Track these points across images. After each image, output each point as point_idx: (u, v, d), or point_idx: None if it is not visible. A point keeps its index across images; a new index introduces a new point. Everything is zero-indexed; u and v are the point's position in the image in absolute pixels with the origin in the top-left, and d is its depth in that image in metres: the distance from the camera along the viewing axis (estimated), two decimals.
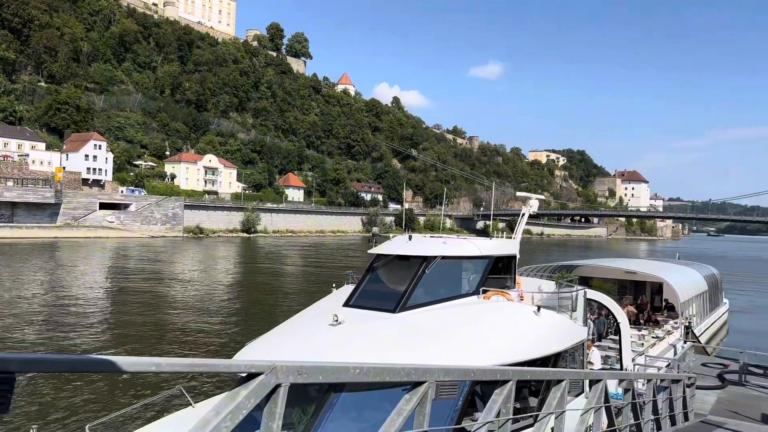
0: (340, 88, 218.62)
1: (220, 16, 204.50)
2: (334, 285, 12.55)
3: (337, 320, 9.22)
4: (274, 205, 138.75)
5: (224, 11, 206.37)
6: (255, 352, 9.00)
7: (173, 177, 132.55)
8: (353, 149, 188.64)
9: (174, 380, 15.61)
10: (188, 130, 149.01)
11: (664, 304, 26.32)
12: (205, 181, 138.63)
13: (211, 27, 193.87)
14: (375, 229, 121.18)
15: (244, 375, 2.85)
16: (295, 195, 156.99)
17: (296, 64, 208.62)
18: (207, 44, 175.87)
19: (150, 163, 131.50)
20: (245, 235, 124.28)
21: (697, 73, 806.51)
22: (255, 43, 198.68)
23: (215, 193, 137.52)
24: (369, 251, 11.74)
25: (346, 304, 10.36)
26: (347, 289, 11.41)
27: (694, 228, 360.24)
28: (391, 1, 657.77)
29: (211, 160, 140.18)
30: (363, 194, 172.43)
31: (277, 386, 2.89)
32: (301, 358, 7.47)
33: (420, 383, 4.00)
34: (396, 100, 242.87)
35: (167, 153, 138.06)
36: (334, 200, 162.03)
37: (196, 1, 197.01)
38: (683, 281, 26.97)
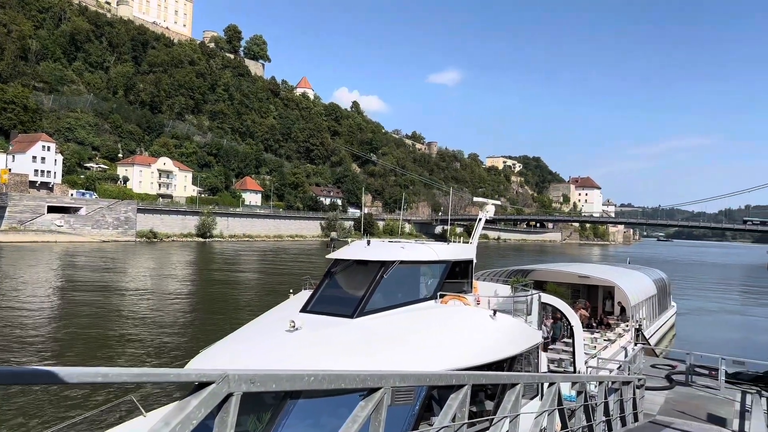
0: (299, 91, 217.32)
1: (176, 17, 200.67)
2: (291, 291, 12.44)
3: (293, 326, 9.12)
4: (231, 209, 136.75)
5: (180, 12, 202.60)
6: (208, 361, 8.80)
7: (126, 180, 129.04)
8: (312, 153, 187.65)
9: (129, 391, 15.17)
10: (142, 132, 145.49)
11: (616, 307, 27.03)
12: (160, 185, 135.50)
13: (167, 27, 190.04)
14: (333, 234, 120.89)
15: (196, 384, 2.78)
16: (253, 199, 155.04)
17: (254, 67, 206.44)
18: (162, 45, 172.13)
19: (102, 166, 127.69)
20: (201, 239, 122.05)
21: (648, 83, 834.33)
22: (212, 45, 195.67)
23: (170, 196, 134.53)
24: (327, 256, 11.67)
25: (303, 310, 10.27)
26: (305, 295, 11.32)
27: (645, 233, 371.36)
28: (352, 7, 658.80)
29: (165, 162, 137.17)
30: (322, 199, 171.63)
31: (229, 395, 2.82)
32: (257, 365, 7.37)
33: (376, 389, 3.98)
34: (355, 104, 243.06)
35: (120, 155, 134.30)
36: (292, 204, 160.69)
37: (152, 0, 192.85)
38: (634, 285, 27.78)
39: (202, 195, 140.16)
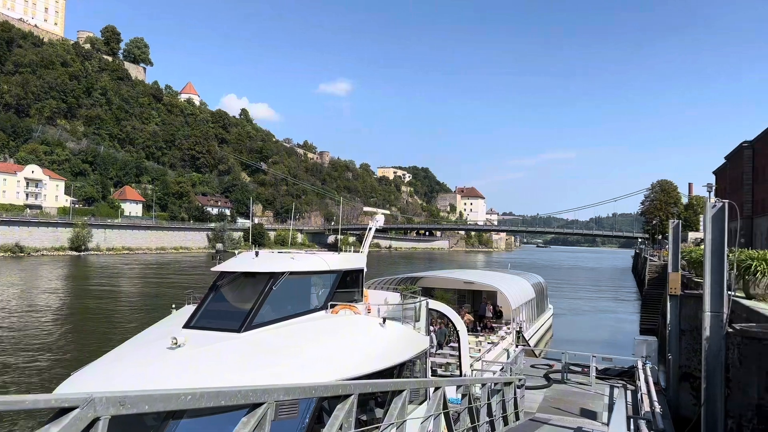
0: (183, 97, 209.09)
1: (47, 14, 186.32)
2: (173, 306, 11.87)
3: (176, 343, 8.70)
4: (109, 221, 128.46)
5: (51, 9, 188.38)
6: (78, 384, 8.17)
7: None
8: (198, 161, 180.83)
9: None
10: (7, 138, 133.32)
11: (500, 309, 28.35)
12: (27, 194, 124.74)
13: (35, 25, 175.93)
14: (219, 246, 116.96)
15: (58, 410, 2.59)
16: (133, 209, 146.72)
17: (135, 71, 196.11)
18: (30, 44, 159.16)
19: None
20: (75, 253, 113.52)
21: (526, 98, 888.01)
22: (87, 46, 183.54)
23: (39, 207, 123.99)
24: (213, 269, 11.29)
25: (187, 326, 9.84)
26: (188, 310, 10.85)
27: (525, 240, 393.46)
28: (239, 13, 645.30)
29: (33, 170, 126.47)
30: (209, 209, 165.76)
31: (96, 420, 2.65)
32: (132, 386, 6.95)
33: (259, 404, 3.91)
34: (244, 111, 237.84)
35: None
36: (177, 215, 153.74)
37: None
38: (514, 290, 29.29)
39: (77, 205, 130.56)
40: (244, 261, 11.25)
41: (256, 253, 11.58)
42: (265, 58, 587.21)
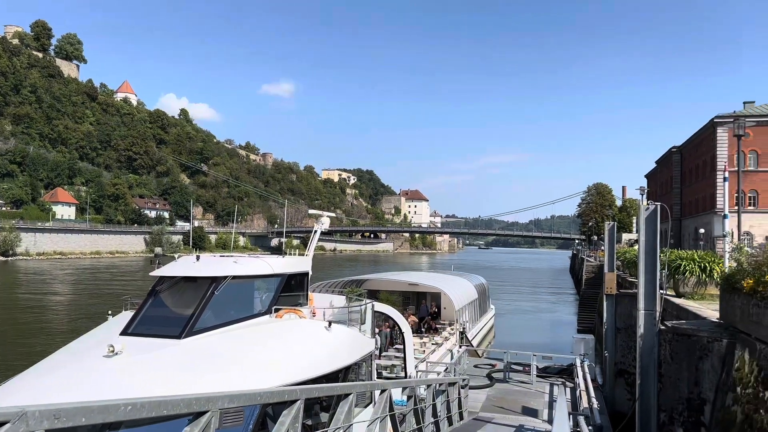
0: (120, 96, 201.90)
1: None
2: (109, 312, 11.42)
3: (113, 351, 8.36)
4: (40, 224, 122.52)
5: None
6: (8, 397, 7.72)
7: None
8: (135, 162, 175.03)
9: None
10: None
11: (435, 311, 28.66)
12: None
13: None
14: (158, 249, 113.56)
15: None
16: (66, 212, 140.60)
17: (67, 68, 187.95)
18: None
19: None
20: (1, 258, 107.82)
21: (469, 102, 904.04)
22: (16, 41, 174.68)
23: None
24: (152, 273, 10.95)
25: (124, 333, 9.48)
26: (126, 316, 10.46)
27: (467, 242, 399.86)
28: (178, 10, 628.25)
29: None
30: (147, 211, 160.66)
31: None
32: (69, 398, 6.63)
33: (203, 413, 3.80)
34: (184, 112, 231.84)
35: None
36: (112, 218, 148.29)
37: None
38: (458, 291, 29.70)
39: (4, 208, 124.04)
40: (185, 265, 10.96)
41: (197, 257, 11.31)
42: (205, 58, 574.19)
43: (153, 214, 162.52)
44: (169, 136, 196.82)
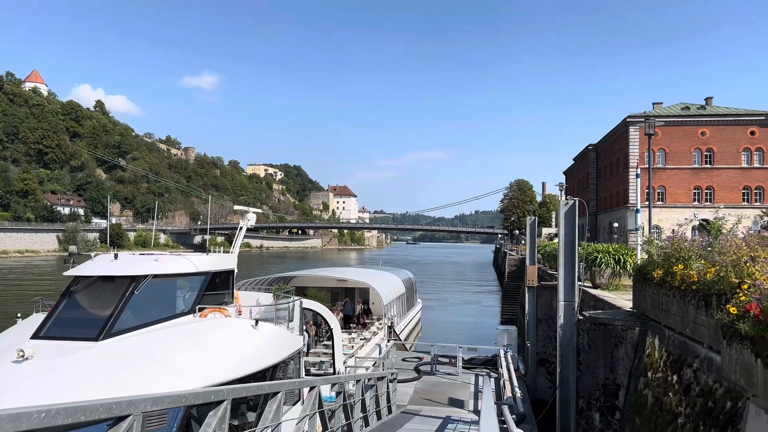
0: (28, 86, 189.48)
1: None
2: (19, 315, 10.76)
3: (23, 356, 7.89)
4: None
5: None
6: None
7: None
8: (47, 156, 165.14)
9: None
10: None
11: (363, 306, 28.79)
12: None
13: None
14: (73, 248, 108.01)
15: None
16: None
17: None
18: None
19: None
20: None
21: (397, 99, 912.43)
22: None
23: None
24: (66, 273, 10.43)
25: (36, 336, 8.97)
26: (37, 319, 9.89)
27: (395, 237, 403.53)
28: None
29: None
30: (60, 208, 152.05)
31: None
32: None
33: (124, 417, 3.65)
34: (100, 104, 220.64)
35: None
36: (21, 215, 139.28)
37: None
38: (386, 286, 29.96)
39: None
40: (102, 264, 10.50)
41: (115, 256, 10.88)
42: (122, 47, 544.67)
43: (67, 210, 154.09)
44: (84, 129, 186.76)
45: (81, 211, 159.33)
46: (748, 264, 7.14)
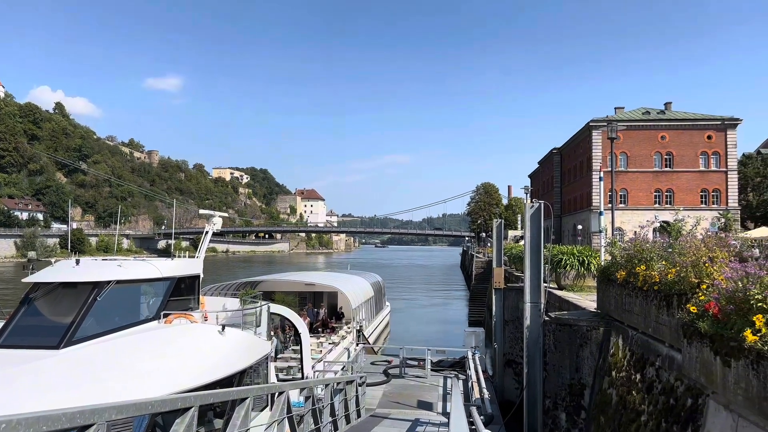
0: None
1: None
2: None
3: None
4: None
5: None
6: None
7: None
8: (4, 160, 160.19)
9: None
10: None
11: (327, 312, 28.68)
12: None
13: None
14: (32, 254, 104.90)
15: None
16: None
17: None
18: None
19: None
20: None
21: (365, 102, 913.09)
22: None
23: None
24: (24, 279, 10.12)
25: None
26: None
27: (363, 241, 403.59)
28: None
29: None
30: (18, 213, 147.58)
31: None
32: None
33: (88, 426, 3.57)
34: (59, 106, 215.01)
35: None
36: None
37: None
38: (354, 289, 29.91)
39: None
40: (63, 270, 10.23)
41: (77, 261, 10.62)
42: (82, 48, 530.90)
43: (25, 215, 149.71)
44: (43, 132, 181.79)
45: (40, 216, 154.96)
46: (706, 264, 7.36)
